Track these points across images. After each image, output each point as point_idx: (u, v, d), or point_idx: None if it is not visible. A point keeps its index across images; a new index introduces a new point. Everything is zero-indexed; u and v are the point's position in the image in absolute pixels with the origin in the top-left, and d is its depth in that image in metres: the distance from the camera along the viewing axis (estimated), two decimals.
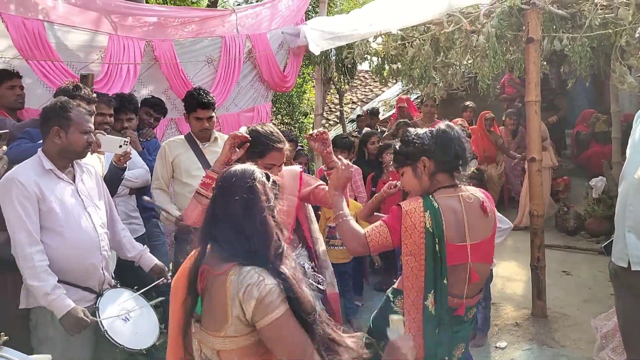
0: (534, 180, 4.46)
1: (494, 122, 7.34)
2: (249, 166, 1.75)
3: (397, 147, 2.37)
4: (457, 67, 5.82)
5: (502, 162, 7.53)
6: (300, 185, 2.81)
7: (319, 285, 2.84)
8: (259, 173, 1.72)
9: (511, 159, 7.53)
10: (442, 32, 5.03)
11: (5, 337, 1.90)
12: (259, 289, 1.54)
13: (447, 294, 2.19)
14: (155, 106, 4.27)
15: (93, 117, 2.68)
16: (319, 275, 2.86)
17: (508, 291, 5.06)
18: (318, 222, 4.49)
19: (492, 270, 4.10)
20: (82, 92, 3.13)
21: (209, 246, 1.69)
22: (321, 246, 2.97)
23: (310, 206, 3.01)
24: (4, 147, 1.92)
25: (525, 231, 5.07)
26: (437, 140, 2.27)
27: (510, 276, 5.38)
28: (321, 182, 2.88)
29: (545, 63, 5.91)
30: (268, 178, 1.74)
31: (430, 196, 2.22)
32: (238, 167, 1.75)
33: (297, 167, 2.98)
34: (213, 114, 3.58)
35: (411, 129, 2.38)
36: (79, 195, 2.56)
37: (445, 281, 2.17)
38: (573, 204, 6.91)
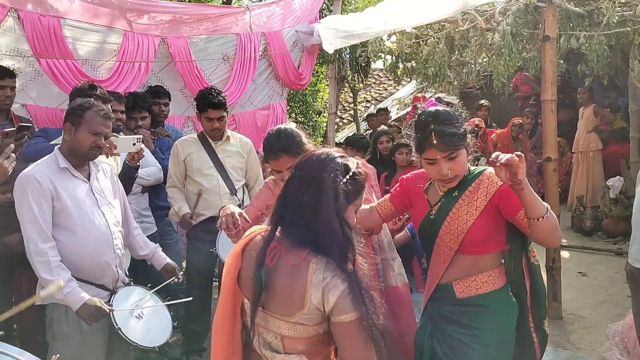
0: (549, 181, 4.40)
1: (523, 130, 7.28)
2: (330, 153, 1.60)
3: (443, 128, 2.04)
4: (472, 66, 5.78)
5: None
6: None
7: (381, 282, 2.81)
8: (335, 164, 1.56)
9: (528, 160, 7.48)
10: (457, 30, 5.00)
11: (1, 332, 1.92)
12: (345, 284, 1.49)
13: None
14: (157, 93, 4.19)
15: (110, 122, 2.64)
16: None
17: None
18: None
19: None
20: (98, 91, 3.16)
21: (279, 228, 1.61)
22: (386, 237, 2.92)
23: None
24: (12, 145, 1.93)
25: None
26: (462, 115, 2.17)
27: None
28: None
29: (562, 61, 5.85)
30: (347, 171, 1.57)
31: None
32: (319, 152, 1.62)
33: None
34: (224, 114, 3.58)
35: (439, 108, 2.13)
36: (94, 194, 2.59)
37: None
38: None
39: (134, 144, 3.07)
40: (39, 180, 2.39)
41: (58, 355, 1.87)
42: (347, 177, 1.55)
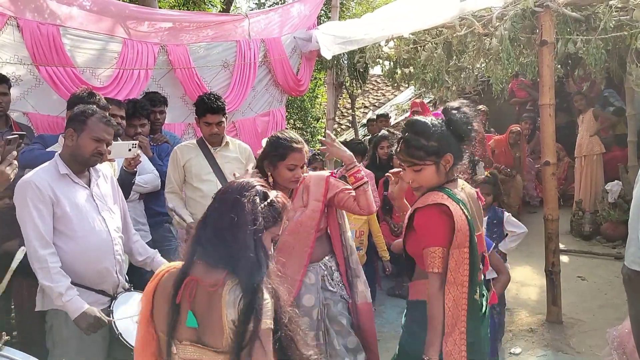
0: (547, 185, 4.42)
1: (521, 137, 7.31)
2: (251, 181, 1.72)
3: (413, 139, 2.07)
4: (470, 71, 5.80)
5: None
6: (325, 190, 2.82)
7: (344, 297, 2.85)
8: (254, 191, 1.67)
9: (526, 165, 7.51)
10: (454, 35, 5.02)
11: (7, 337, 1.92)
12: (247, 298, 1.54)
13: (483, 284, 2.14)
14: (153, 101, 4.18)
15: (112, 129, 2.65)
16: (345, 286, 2.88)
17: (522, 296, 5.01)
18: None
19: None
20: (96, 98, 3.18)
21: (195, 257, 1.65)
22: (353, 254, 2.98)
23: (344, 213, 3.00)
24: (14, 152, 1.94)
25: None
26: (454, 130, 2.09)
27: (524, 281, 5.33)
28: (348, 186, 2.86)
29: (559, 66, 5.87)
30: (265, 198, 1.69)
31: (447, 189, 2.10)
32: (241, 180, 1.74)
33: (325, 172, 2.98)
34: (223, 119, 3.59)
35: (420, 118, 2.14)
36: (94, 200, 2.59)
37: (481, 272, 2.13)
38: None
39: (130, 150, 3.07)
40: (38, 187, 2.40)
41: None
42: (265, 203, 1.66)
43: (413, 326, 2.16)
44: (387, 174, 2.42)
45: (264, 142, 2.81)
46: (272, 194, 1.72)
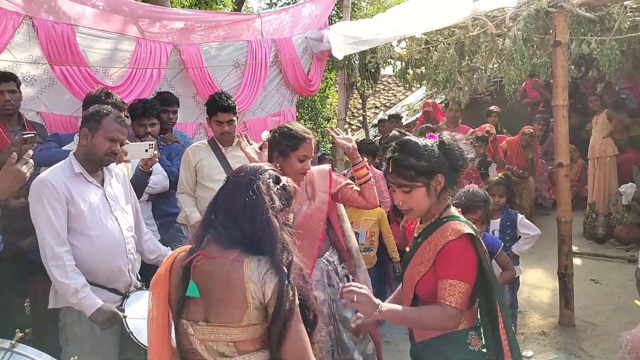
0: (561, 187, 4.38)
1: (533, 138, 7.26)
2: (262, 165, 1.74)
3: (403, 159, 1.99)
4: (483, 71, 5.77)
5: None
6: (330, 182, 2.88)
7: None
8: (267, 174, 1.70)
9: (539, 166, 7.46)
10: (467, 35, 4.99)
11: (21, 334, 1.94)
12: (280, 275, 1.57)
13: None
14: (166, 101, 4.19)
15: (127, 129, 2.67)
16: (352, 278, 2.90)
17: (535, 299, 4.97)
18: None
19: (518, 277, 4.04)
20: (113, 99, 3.20)
21: (208, 236, 1.66)
22: (354, 244, 3.02)
23: (341, 205, 3.06)
24: (30, 151, 1.96)
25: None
26: (446, 153, 2.01)
27: (537, 284, 5.29)
28: (350, 180, 2.95)
29: (573, 67, 5.82)
30: (278, 181, 1.71)
31: (462, 217, 2.02)
32: (251, 164, 1.76)
33: (326, 166, 3.06)
34: (233, 118, 3.60)
35: (412, 138, 2.07)
36: (107, 199, 2.61)
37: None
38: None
39: (146, 150, 3.09)
40: (54, 185, 2.42)
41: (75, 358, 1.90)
42: (279, 186, 1.69)
43: None
44: None
45: (264, 135, 2.82)
46: (284, 178, 1.75)
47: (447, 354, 2.00)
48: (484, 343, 2.00)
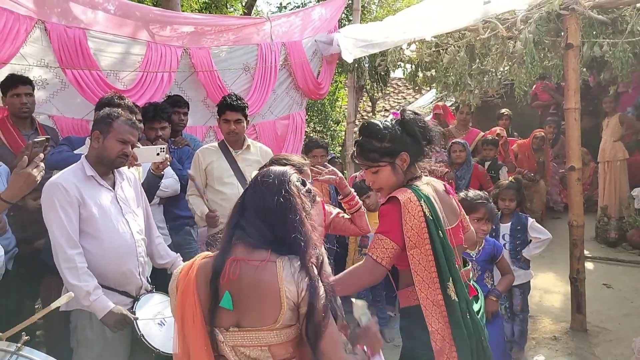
0: (572, 190, 4.34)
1: (544, 142, 7.22)
2: (287, 169, 1.75)
3: (366, 142, 2.14)
4: (493, 74, 5.73)
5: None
6: (325, 216, 2.85)
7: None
8: (295, 176, 1.72)
9: (550, 169, 7.40)
10: (477, 38, 4.96)
11: (27, 337, 1.95)
12: (310, 275, 1.58)
13: (460, 277, 2.11)
14: (177, 102, 4.23)
15: (137, 131, 2.69)
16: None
17: (546, 304, 4.93)
18: (347, 252, 4.53)
19: (529, 282, 4.01)
20: (125, 102, 3.23)
21: (233, 240, 1.64)
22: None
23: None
24: (41, 155, 1.98)
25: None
26: (408, 130, 2.14)
27: (548, 288, 5.25)
28: (340, 210, 2.94)
29: (585, 70, 5.77)
30: (304, 184, 1.73)
31: (414, 186, 2.13)
32: (275, 167, 1.76)
33: (317, 198, 2.95)
34: (241, 118, 3.61)
35: (373, 120, 2.19)
36: (118, 202, 2.62)
37: (456, 265, 2.10)
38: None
39: (158, 154, 3.10)
40: (65, 188, 2.43)
41: None
42: (305, 188, 1.72)
43: (414, 331, 2.12)
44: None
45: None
46: (308, 182, 1.77)
47: (413, 324, 2.11)
48: None
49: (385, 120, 2.16)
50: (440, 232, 2.06)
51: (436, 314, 2.02)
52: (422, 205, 2.04)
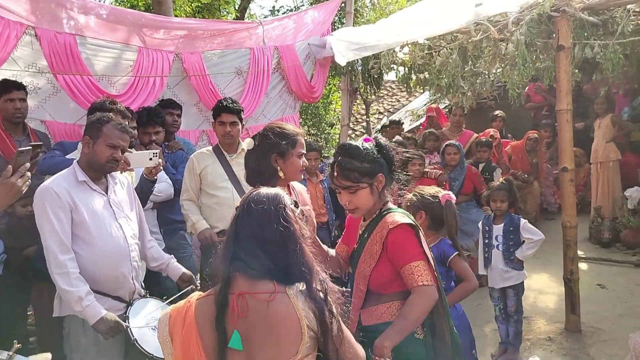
0: (565, 191, 4.36)
1: (538, 143, 7.26)
2: (277, 190, 1.65)
3: (345, 162, 2.16)
4: (486, 76, 5.76)
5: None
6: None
7: None
8: (288, 199, 1.63)
9: (544, 171, 7.44)
10: (470, 40, 4.98)
11: (18, 345, 1.94)
12: (318, 303, 1.53)
13: None
14: (170, 104, 4.25)
15: (128, 135, 2.68)
16: None
17: (540, 304, 4.94)
18: None
19: (523, 282, 4.02)
20: (118, 106, 3.22)
21: (232, 273, 1.55)
22: None
23: None
24: (27, 164, 1.97)
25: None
26: (384, 154, 2.21)
27: (542, 289, 5.26)
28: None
29: (577, 71, 5.80)
30: (297, 206, 1.66)
31: (401, 210, 2.25)
32: (265, 190, 1.64)
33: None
34: (237, 121, 3.61)
35: (352, 142, 2.25)
36: (111, 206, 2.61)
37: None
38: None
39: (151, 159, 3.10)
40: (57, 193, 2.42)
41: None
42: (298, 210, 1.64)
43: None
44: None
45: (248, 142, 2.69)
46: (298, 203, 1.69)
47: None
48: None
49: (363, 143, 2.21)
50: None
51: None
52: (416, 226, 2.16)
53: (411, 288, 2.05)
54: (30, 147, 1.99)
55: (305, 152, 2.69)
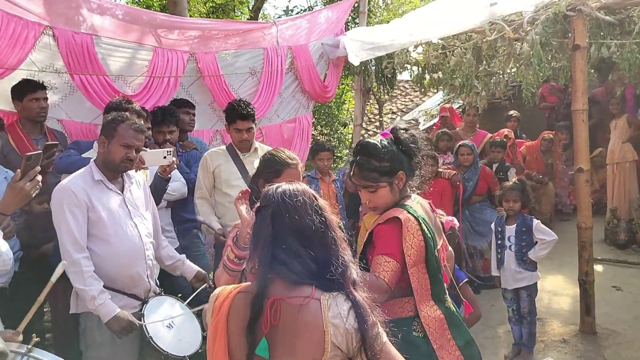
0: (581, 192, 4.32)
1: (553, 143, 7.19)
2: (298, 183, 1.59)
3: (366, 162, 2.13)
4: (500, 76, 5.72)
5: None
6: None
7: None
8: (313, 194, 1.56)
9: (559, 171, 7.36)
10: (484, 40, 4.95)
11: (37, 339, 1.98)
12: (361, 312, 1.42)
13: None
14: (185, 104, 4.28)
15: (143, 135, 2.71)
16: None
17: (555, 306, 4.90)
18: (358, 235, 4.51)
19: (536, 284, 3.99)
20: (133, 106, 3.26)
21: (271, 276, 1.45)
22: None
23: None
24: (38, 168, 2.00)
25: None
26: (403, 149, 2.16)
27: (556, 290, 5.21)
28: None
29: (592, 71, 5.74)
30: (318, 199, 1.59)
31: (407, 206, 2.14)
32: (287, 185, 1.55)
33: None
34: (252, 125, 3.63)
35: (371, 140, 2.21)
36: (127, 206, 2.65)
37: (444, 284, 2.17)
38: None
39: (165, 157, 3.13)
40: (74, 192, 2.46)
41: None
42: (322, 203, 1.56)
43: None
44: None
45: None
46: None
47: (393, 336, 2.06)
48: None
49: (382, 140, 2.18)
50: (436, 251, 2.11)
51: (440, 329, 2.06)
52: (420, 224, 2.08)
53: (373, 273, 2.02)
54: (41, 152, 2.02)
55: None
